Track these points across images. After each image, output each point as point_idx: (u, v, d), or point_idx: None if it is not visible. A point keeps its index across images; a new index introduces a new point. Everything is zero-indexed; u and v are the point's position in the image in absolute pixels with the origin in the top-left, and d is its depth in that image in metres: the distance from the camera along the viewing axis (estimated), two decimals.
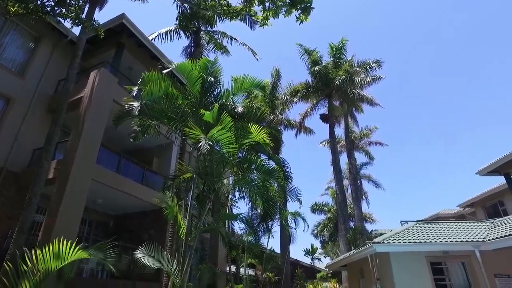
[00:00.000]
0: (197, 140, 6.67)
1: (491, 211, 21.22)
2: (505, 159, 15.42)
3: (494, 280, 10.55)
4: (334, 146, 22.36)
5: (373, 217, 33.70)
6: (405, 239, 10.94)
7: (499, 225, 11.91)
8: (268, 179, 7.81)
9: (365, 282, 12.74)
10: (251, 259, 13.46)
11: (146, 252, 6.74)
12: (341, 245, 19.08)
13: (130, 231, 14.50)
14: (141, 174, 13.90)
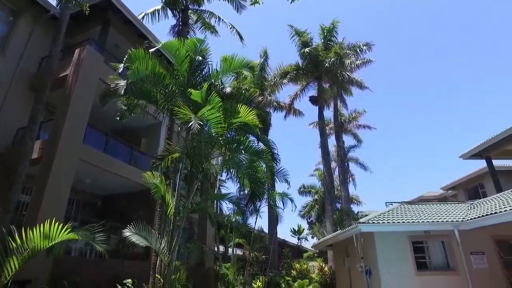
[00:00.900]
0: (187, 120, 6.63)
1: (472, 193, 21.97)
2: (487, 143, 15.86)
3: (470, 257, 11.09)
4: (322, 128, 22.52)
5: (360, 199, 34.50)
6: (389, 220, 11.29)
7: (477, 206, 12.38)
8: (256, 160, 7.87)
9: (350, 261, 13.19)
10: (239, 239, 13.72)
11: (134, 231, 6.78)
12: (327, 226, 19.55)
13: (118, 211, 14.51)
14: (129, 154, 13.82)
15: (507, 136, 14.76)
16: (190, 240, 11.01)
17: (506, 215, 9.42)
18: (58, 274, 8.72)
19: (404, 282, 10.59)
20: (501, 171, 18.76)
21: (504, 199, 10.89)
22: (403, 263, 10.94)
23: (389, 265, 10.79)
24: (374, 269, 10.95)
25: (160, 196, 8.12)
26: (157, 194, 8.27)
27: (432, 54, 65.57)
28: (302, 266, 16.62)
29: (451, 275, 10.95)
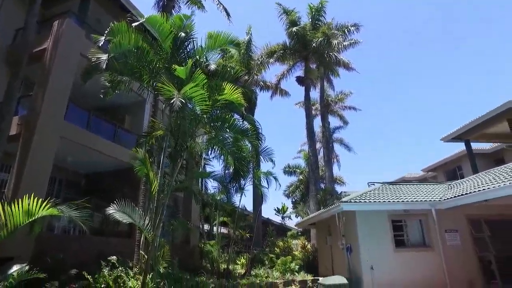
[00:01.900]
0: (170, 97, 6.53)
1: (450, 175, 22.72)
2: (466, 127, 16.28)
3: (445, 234, 11.63)
4: (308, 109, 22.58)
5: (343, 179, 35.20)
6: (370, 199, 11.62)
7: (454, 187, 12.85)
8: (240, 138, 7.87)
9: (332, 238, 13.58)
10: (223, 217, 13.90)
11: (118, 208, 6.77)
12: (311, 205, 19.99)
13: (102, 189, 14.38)
14: (113, 132, 13.57)
15: (485, 120, 15.20)
16: (174, 218, 11.05)
17: (479, 195, 9.85)
18: (41, 251, 8.67)
19: (383, 259, 11.03)
20: (478, 154, 19.44)
21: (479, 180, 11.33)
22: (383, 240, 11.35)
23: (369, 243, 11.18)
24: (355, 247, 11.34)
25: (144, 174, 8.10)
26: (141, 172, 8.24)
27: (417, 38, 65.86)
28: (285, 244, 17.05)
29: (427, 251, 11.47)
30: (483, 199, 9.84)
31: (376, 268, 10.80)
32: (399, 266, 11.07)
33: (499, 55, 57.03)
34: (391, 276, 10.84)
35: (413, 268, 11.07)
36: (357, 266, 11.12)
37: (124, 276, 7.51)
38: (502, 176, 9.85)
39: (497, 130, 15.72)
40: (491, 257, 11.68)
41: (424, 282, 10.85)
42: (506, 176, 9.62)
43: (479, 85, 64.33)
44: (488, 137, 17.13)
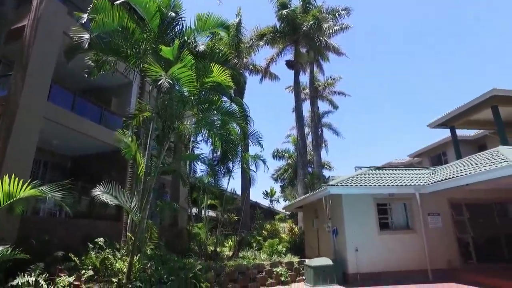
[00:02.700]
0: (157, 78, 6.41)
1: (435, 161, 23.18)
2: (452, 114, 16.55)
3: (427, 217, 11.99)
4: (298, 93, 22.55)
5: (331, 164, 35.70)
6: (357, 183, 11.82)
7: (438, 172, 13.17)
8: (228, 121, 7.82)
9: (319, 221, 13.84)
10: (211, 200, 13.95)
11: (105, 190, 6.71)
12: (299, 189, 20.23)
13: (89, 172, 14.23)
14: (99, 114, 13.34)
15: (470, 107, 15.44)
16: (161, 199, 11.01)
17: (460, 179, 10.16)
18: (26, 234, 8.58)
19: (367, 241, 11.34)
20: (463, 140, 19.83)
21: (461, 165, 11.62)
22: (368, 223, 11.64)
23: (354, 226, 11.44)
24: (341, 229, 11.59)
25: (131, 156, 8.02)
26: (128, 154, 8.16)
27: (407, 26, 65.86)
28: (273, 227, 17.29)
29: (409, 233, 11.84)
30: (464, 183, 10.15)
31: (361, 250, 11.11)
32: (383, 247, 11.41)
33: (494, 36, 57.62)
34: (374, 257, 11.19)
35: (396, 250, 11.43)
36: (343, 248, 11.41)
37: (111, 257, 7.51)
38: (484, 162, 10.11)
39: (481, 117, 16.03)
40: (469, 239, 12.18)
41: (406, 262, 11.24)
42: (487, 162, 9.88)
43: (471, 69, 65.16)
44: (472, 124, 17.46)
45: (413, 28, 62.71)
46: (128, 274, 6.16)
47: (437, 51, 64.45)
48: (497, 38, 55.97)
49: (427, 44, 64.22)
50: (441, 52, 64.01)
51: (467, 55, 61.39)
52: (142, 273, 6.41)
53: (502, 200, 12.65)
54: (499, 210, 13.09)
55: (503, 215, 13.07)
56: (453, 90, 66.73)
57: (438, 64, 65.78)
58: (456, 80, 66.80)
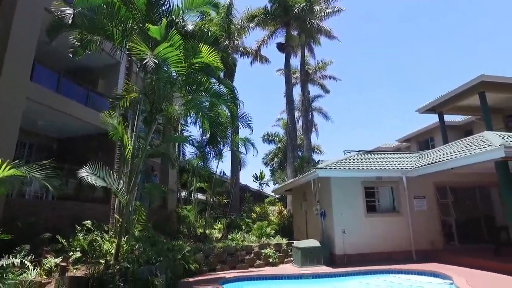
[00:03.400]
0: (142, 57, 6.24)
1: (423, 145, 23.52)
2: (440, 99, 16.73)
3: (413, 200, 12.26)
4: (288, 76, 22.38)
5: (321, 148, 35.98)
6: (345, 166, 11.94)
7: (425, 156, 13.38)
8: (216, 102, 7.73)
9: (307, 204, 14.02)
10: (201, 183, 13.96)
11: (91, 171, 6.61)
12: (288, 172, 20.38)
13: (77, 154, 14.04)
14: (85, 95, 13.07)
15: (458, 93, 15.63)
16: (148, 181, 10.94)
17: (446, 163, 10.37)
18: (12, 216, 8.49)
19: (355, 223, 11.56)
20: (450, 126, 20.14)
21: (447, 150, 11.83)
22: (355, 206, 11.84)
23: (342, 208, 11.63)
24: (329, 212, 11.78)
25: (118, 138, 7.89)
26: (115, 136, 8.03)
27: (400, 10, 65.35)
28: (262, 210, 17.47)
29: (395, 216, 12.10)
30: (449, 167, 10.36)
31: (348, 232, 11.33)
32: (370, 229, 11.66)
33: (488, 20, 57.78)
34: (361, 239, 11.44)
35: (382, 231, 11.70)
36: (330, 230, 11.62)
37: (99, 239, 7.50)
38: (469, 146, 10.30)
39: (469, 103, 16.24)
40: (452, 221, 12.55)
41: (391, 244, 11.55)
42: (472, 146, 10.07)
43: (463, 50, 65.51)
44: (460, 109, 17.70)
45: (407, 11, 62.32)
46: (116, 255, 6.17)
47: (430, 32, 64.37)
48: (489, 18, 56.10)
49: (420, 25, 64.01)
50: (434, 33, 63.96)
51: (460, 36, 61.57)
52: (130, 254, 6.43)
53: (484, 184, 12.98)
54: (482, 194, 13.47)
55: (485, 199, 13.47)
56: (444, 72, 67.13)
57: (431, 45, 65.82)
58: (448, 61, 67.14)
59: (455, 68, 63.89)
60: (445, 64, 67.46)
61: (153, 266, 5.88)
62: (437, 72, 67.79)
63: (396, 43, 65.70)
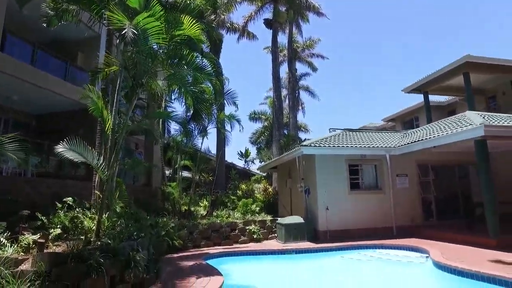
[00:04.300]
0: (121, 27, 5.93)
1: (408, 125, 23.89)
2: (426, 79, 16.88)
3: (396, 178, 12.51)
4: (275, 53, 22.03)
5: (308, 127, 36.09)
6: (330, 144, 12.00)
7: (408, 135, 13.57)
8: (200, 77, 7.50)
9: (292, 181, 14.15)
10: (186, 160, 13.84)
11: (69, 147, 6.38)
12: (274, 150, 20.43)
13: (57, 131, 13.60)
14: (64, 69, 12.51)
15: (443, 73, 15.79)
16: (130, 157, 10.71)
17: (429, 141, 10.55)
18: None
19: (338, 200, 11.77)
20: (435, 106, 20.44)
21: (430, 129, 12.00)
22: (339, 183, 12.01)
23: (326, 185, 11.78)
24: (313, 189, 11.92)
25: (99, 114, 7.63)
26: (95, 112, 7.75)
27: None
28: (248, 187, 17.58)
29: (378, 193, 12.36)
30: (432, 146, 10.55)
31: (331, 209, 11.53)
32: (353, 206, 11.90)
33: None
34: (344, 216, 11.69)
35: (364, 208, 11.96)
36: (314, 207, 11.80)
37: (81, 216, 7.37)
38: (451, 126, 10.45)
39: (453, 83, 16.43)
40: (431, 198, 12.94)
41: (373, 220, 11.85)
42: (454, 125, 10.22)
43: (451, 29, 65.69)
44: (445, 90, 17.92)
45: None
46: (97, 231, 6.09)
47: (421, 11, 64.03)
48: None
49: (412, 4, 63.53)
50: (425, 11, 63.68)
51: (449, 15, 61.55)
52: (111, 230, 6.35)
53: (464, 162, 13.33)
54: (460, 172, 13.87)
55: (463, 177, 13.88)
56: (433, 50, 67.40)
57: (420, 24, 65.64)
58: (436, 40, 67.31)
59: (443, 49, 64.22)
60: (434, 45, 67.66)
61: (135, 242, 5.83)
62: (427, 53, 68.05)
63: (384, 23, 65.25)
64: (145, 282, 5.73)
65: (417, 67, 66.39)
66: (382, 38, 67.30)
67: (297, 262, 9.28)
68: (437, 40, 65.98)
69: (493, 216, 8.86)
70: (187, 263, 7.79)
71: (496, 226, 8.79)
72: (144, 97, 13.82)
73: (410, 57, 69.24)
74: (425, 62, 66.29)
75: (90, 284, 4.87)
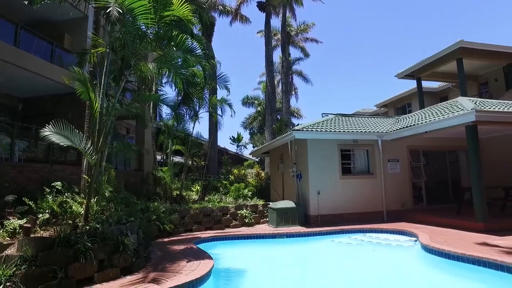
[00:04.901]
0: (105, 5, 5.70)
1: (400, 111, 23.94)
2: (419, 65, 16.81)
3: (387, 163, 12.58)
4: (268, 37, 21.67)
5: (301, 112, 35.99)
6: (322, 128, 11.95)
7: (401, 121, 13.58)
8: (190, 60, 7.30)
9: (284, 166, 14.16)
10: (178, 145, 13.70)
11: (55, 130, 6.22)
12: (266, 135, 20.36)
13: (44, 115, 13.31)
14: (50, 51, 12.13)
15: (437, 59, 15.72)
16: (118, 140, 10.49)
17: (420, 127, 10.58)
18: None
19: (330, 185, 11.81)
20: (427, 92, 20.45)
21: (422, 114, 12.00)
22: (331, 168, 12.02)
23: (318, 170, 11.80)
24: (305, 174, 11.94)
25: (87, 97, 7.43)
26: (83, 95, 7.55)
27: None
28: (240, 172, 17.58)
29: (369, 178, 12.43)
30: (423, 131, 10.57)
31: (323, 193, 11.60)
32: (344, 191, 11.97)
33: None
34: (336, 200, 11.77)
35: (356, 193, 12.04)
36: (306, 191, 11.85)
37: (70, 201, 7.28)
38: (443, 111, 10.46)
39: (446, 69, 16.39)
40: (422, 183, 13.08)
41: (364, 205, 11.96)
42: (446, 111, 10.22)
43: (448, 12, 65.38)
44: (437, 76, 17.89)
45: None
46: (86, 216, 6.01)
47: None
48: None
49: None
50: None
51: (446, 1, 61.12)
52: (100, 215, 6.28)
53: (454, 148, 13.45)
54: (451, 157, 14.00)
55: (454, 162, 14.03)
56: (428, 36, 67.18)
57: (416, 9, 65.12)
58: (432, 26, 67.00)
59: (439, 35, 63.97)
60: (430, 30, 67.32)
61: (124, 226, 5.77)
62: (421, 39, 67.74)
63: (378, 8, 64.52)
64: (135, 266, 5.72)
65: (412, 54, 66.21)
66: (376, 24, 66.71)
67: (288, 246, 9.36)
68: (433, 26, 65.68)
69: (481, 201, 8.98)
70: (177, 247, 7.79)
71: (483, 210, 8.93)
72: (135, 80, 13.53)
73: (405, 44, 68.94)
74: (420, 49, 66.11)
75: (78, 268, 4.83)
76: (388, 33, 67.32)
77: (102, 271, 5.13)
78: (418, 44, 67.90)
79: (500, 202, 10.56)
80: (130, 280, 5.14)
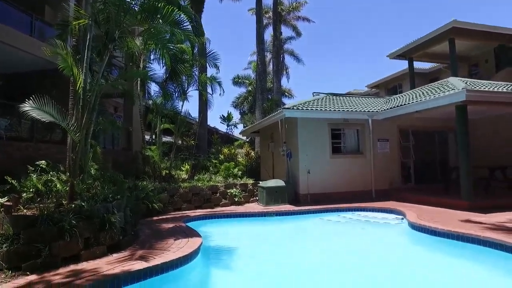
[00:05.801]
0: None
1: (391, 92, 23.91)
2: (411, 45, 16.68)
3: (377, 143, 12.64)
4: (259, 15, 21.11)
5: (292, 92, 35.65)
6: (312, 107, 11.86)
7: (391, 101, 13.57)
8: (178, 34, 7.00)
9: (274, 145, 14.11)
10: (166, 124, 13.46)
11: (36, 106, 5.98)
12: (257, 114, 20.20)
13: (28, 93, 12.80)
14: (29, 23, 11.53)
15: (429, 39, 15.59)
16: (103, 118, 10.20)
17: (411, 106, 10.60)
18: None
19: (320, 164, 11.85)
20: (418, 73, 20.43)
21: (413, 94, 12.00)
22: (321, 147, 12.03)
23: (308, 149, 11.79)
24: (295, 153, 11.92)
25: (70, 72, 7.13)
26: (66, 71, 7.24)
27: None
28: (230, 151, 17.47)
29: (359, 157, 12.51)
30: (414, 110, 10.59)
31: (313, 172, 11.63)
32: (333, 170, 12.04)
33: None
34: (325, 179, 11.84)
35: (345, 172, 12.13)
36: (296, 170, 11.87)
37: (55, 179, 7.10)
38: (434, 91, 10.44)
39: (438, 49, 16.29)
40: (410, 163, 13.23)
41: (354, 184, 12.08)
42: (437, 91, 10.21)
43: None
44: (429, 56, 17.80)
45: None
46: (71, 194, 5.87)
47: None
48: None
49: None
50: None
51: None
52: (86, 193, 6.15)
53: (443, 128, 13.56)
54: (440, 138, 14.14)
55: (442, 143, 14.18)
56: (422, 16, 66.67)
57: None
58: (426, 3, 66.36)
59: (432, 15, 63.44)
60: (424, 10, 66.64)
61: (110, 204, 5.67)
62: (415, 20, 67.11)
63: None
64: (122, 243, 5.66)
65: (404, 36, 65.74)
66: (368, 5, 65.65)
67: (277, 224, 9.43)
68: (427, 6, 65.00)
69: (467, 180, 9.13)
70: (166, 225, 7.76)
71: (469, 189, 9.09)
72: (121, 56, 13.07)
73: (397, 24, 68.28)
74: (412, 29, 65.60)
75: (63, 246, 4.75)
76: (380, 14, 66.47)
77: (88, 249, 5.06)
78: (411, 25, 67.36)
79: (484, 182, 10.76)
80: (117, 258, 5.09)
